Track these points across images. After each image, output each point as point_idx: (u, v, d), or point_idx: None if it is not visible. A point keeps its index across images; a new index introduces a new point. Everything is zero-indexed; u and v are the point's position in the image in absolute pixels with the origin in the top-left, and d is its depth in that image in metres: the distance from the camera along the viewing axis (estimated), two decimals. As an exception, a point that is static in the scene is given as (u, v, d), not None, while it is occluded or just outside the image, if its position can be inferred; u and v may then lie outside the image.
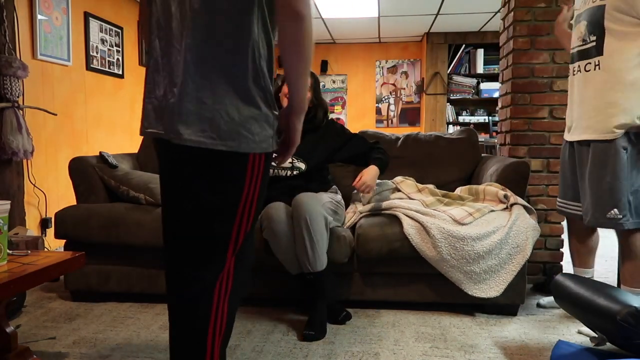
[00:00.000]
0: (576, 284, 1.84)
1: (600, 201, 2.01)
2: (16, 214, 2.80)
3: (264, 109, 1.14)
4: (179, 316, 1.29)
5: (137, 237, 2.32)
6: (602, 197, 2.00)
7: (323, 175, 2.44)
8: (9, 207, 1.60)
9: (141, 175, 2.57)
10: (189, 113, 1.08)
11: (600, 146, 2.01)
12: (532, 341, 2.02)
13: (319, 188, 2.35)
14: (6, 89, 2.67)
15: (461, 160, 2.88)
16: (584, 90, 2.08)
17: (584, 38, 2.08)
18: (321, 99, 2.37)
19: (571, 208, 2.26)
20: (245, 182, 1.15)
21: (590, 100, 2.05)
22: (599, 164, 2.01)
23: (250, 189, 1.17)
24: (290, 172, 2.30)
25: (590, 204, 2.05)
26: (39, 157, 3.32)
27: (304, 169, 2.30)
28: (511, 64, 2.74)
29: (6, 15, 2.72)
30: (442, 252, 2.15)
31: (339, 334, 2.07)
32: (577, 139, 2.13)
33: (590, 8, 2.04)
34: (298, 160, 2.30)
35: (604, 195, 2.00)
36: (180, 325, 1.28)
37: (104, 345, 1.97)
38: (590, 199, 2.04)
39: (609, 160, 1.98)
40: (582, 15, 2.09)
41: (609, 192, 1.98)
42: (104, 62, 4.10)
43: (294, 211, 2.08)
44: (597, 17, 2.00)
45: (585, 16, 2.07)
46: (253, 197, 1.18)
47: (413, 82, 6.53)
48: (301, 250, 2.06)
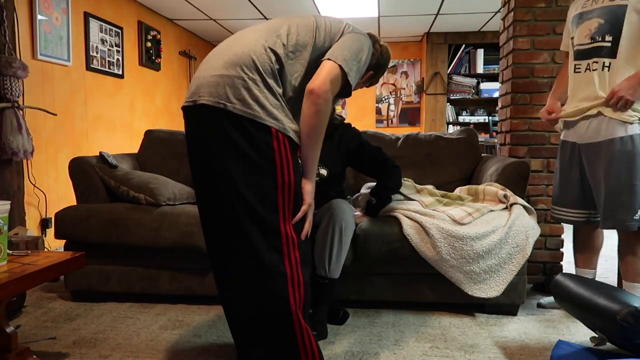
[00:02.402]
0: (576, 284, 1.84)
1: (625, 204, 1.98)
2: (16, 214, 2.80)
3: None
4: (253, 292, 1.44)
5: (137, 237, 2.32)
6: (628, 199, 1.98)
7: (341, 184, 2.44)
8: (9, 207, 1.60)
9: (141, 175, 2.57)
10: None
11: (618, 147, 1.98)
12: (532, 341, 2.02)
13: (337, 197, 2.35)
14: (6, 89, 2.67)
15: (461, 160, 2.88)
16: (596, 88, 2.05)
17: (593, 36, 2.05)
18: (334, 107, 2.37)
19: (573, 216, 2.25)
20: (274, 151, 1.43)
21: (591, 99, 2.05)
22: (619, 167, 1.98)
23: (282, 159, 1.43)
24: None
25: (612, 208, 2.01)
26: (39, 157, 3.32)
27: (326, 175, 2.29)
28: (511, 64, 2.74)
29: (6, 15, 2.72)
30: (441, 252, 2.15)
31: (339, 334, 2.07)
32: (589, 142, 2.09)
33: (607, 6, 2.01)
34: (320, 167, 2.29)
35: (629, 197, 1.97)
36: (257, 301, 1.44)
37: (104, 345, 1.97)
38: (612, 202, 2.01)
39: (630, 161, 1.96)
40: (594, 13, 2.05)
41: (634, 194, 1.97)
42: (104, 62, 4.10)
43: (329, 215, 2.08)
44: (618, 16, 1.97)
45: (599, 14, 2.03)
46: (288, 165, 1.43)
47: (413, 82, 6.53)
48: (325, 254, 2.05)
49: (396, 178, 2.31)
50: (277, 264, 1.39)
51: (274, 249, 1.40)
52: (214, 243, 1.52)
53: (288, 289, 1.39)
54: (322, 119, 1.44)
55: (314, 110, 1.42)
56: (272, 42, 1.45)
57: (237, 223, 1.40)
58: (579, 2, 2.17)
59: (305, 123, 1.44)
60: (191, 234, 2.28)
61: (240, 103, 1.38)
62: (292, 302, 1.39)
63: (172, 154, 2.95)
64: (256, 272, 1.40)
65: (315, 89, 1.41)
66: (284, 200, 1.42)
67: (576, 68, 2.15)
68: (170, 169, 2.89)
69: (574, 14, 2.19)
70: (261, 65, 1.40)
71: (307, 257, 1.49)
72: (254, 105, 1.38)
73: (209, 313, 2.33)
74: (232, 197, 1.39)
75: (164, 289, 2.41)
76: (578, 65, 2.14)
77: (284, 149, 1.41)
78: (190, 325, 2.17)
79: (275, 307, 1.40)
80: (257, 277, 1.40)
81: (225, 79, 1.40)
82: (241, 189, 1.38)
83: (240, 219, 1.39)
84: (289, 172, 1.42)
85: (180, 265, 2.39)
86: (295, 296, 1.40)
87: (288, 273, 1.39)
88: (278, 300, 1.39)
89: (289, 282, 1.39)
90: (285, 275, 1.39)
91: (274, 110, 1.39)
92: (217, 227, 1.48)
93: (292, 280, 1.40)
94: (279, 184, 1.40)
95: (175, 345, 1.97)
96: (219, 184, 1.42)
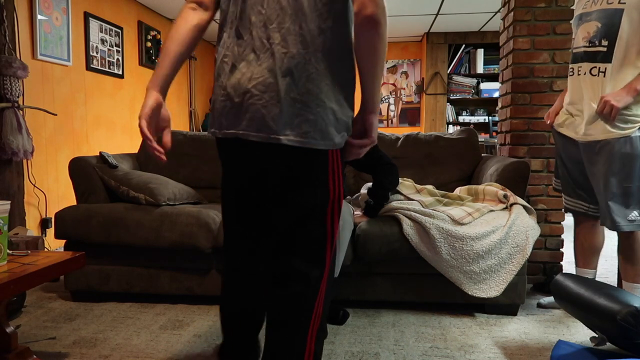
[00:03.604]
0: (576, 284, 1.84)
1: (620, 206, 1.99)
2: (16, 214, 2.80)
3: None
4: (278, 315, 1.30)
5: (137, 237, 2.32)
6: (623, 200, 1.98)
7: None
8: (9, 207, 1.60)
9: (141, 175, 2.57)
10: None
11: (617, 148, 1.97)
12: (532, 341, 2.02)
13: None
14: (6, 89, 2.67)
15: (461, 160, 2.88)
16: (592, 94, 2.04)
17: (591, 40, 2.03)
18: None
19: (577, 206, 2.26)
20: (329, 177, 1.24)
21: (589, 103, 2.04)
22: (616, 168, 1.98)
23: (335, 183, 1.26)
24: None
25: (610, 208, 2.01)
26: (39, 157, 3.32)
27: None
28: (511, 64, 2.74)
29: (6, 15, 2.72)
30: (441, 252, 2.15)
31: (339, 334, 2.07)
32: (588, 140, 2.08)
33: (605, 9, 1.98)
34: None
35: (624, 198, 1.98)
36: (279, 323, 1.29)
37: (104, 345, 1.97)
38: (609, 202, 2.01)
39: (627, 163, 1.96)
40: (592, 15, 2.03)
41: (630, 195, 1.97)
42: (104, 62, 4.10)
43: None
44: (614, 20, 1.94)
45: (597, 17, 2.01)
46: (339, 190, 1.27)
47: (413, 82, 6.53)
48: None
49: (392, 176, 2.30)
50: (314, 288, 1.27)
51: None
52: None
53: (311, 315, 1.27)
54: (386, 46, 1.22)
55: (382, 41, 1.19)
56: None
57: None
58: (581, 2, 2.15)
59: (375, 58, 1.20)
60: (191, 234, 2.28)
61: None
62: (310, 329, 1.27)
63: (172, 153, 2.95)
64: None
65: (380, 19, 1.16)
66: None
67: (571, 71, 2.14)
68: (170, 169, 2.89)
69: (575, 15, 2.18)
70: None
71: (332, 285, 1.37)
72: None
73: (209, 313, 2.33)
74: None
75: (164, 289, 2.41)
76: (571, 69, 2.14)
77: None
78: (190, 325, 2.17)
79: (294, 330, 1.28)
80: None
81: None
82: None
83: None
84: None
85: (180, 265, 2.39)
86: (314, 324, 1.28)
87: (317, 300, 1.27)
88: (299, 324, 1.27)
89: (314, 309, 1.26)
90: (313, 303, 1.27)
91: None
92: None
93: (317, 307, 1.27)
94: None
95: (175, 345, 1.97)
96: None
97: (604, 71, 1.98)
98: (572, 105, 2.16)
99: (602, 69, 1.99)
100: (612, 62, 1.96)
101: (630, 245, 2.06)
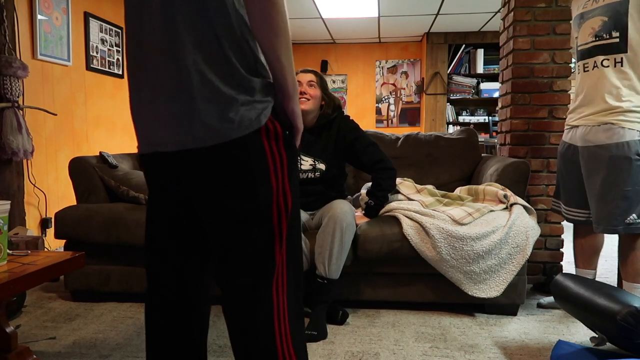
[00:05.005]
0: (576, 284, 1.84)
1: (618, 209, 1.99)
2: (16, 214, 2.80)
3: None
4: (241, 329, 1.12)
5: (137, 237, 2.32)
6: (620, 204, 1.99)
7: (341, 184, 2.45)
8: (9, 207, 1.59)
9: (141, 175, 2.57)
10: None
11: (615, 152, 1.99)
12: (532, 341, 2.02)
13: (338, 197, 2.36)
14: (6, 89, 2.67)
15: (461, 160, 2.88)
16: (600, 87, 2.05)
17: (597, 34, 2.06)
18: (332, 96, 2.38)
19: (577, 215, 2.26)
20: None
21: (603, 97, 2.04)
22: (615, 171, 1.99)
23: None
24: (312, 174, 2.30)
25: (606, 212, 2.02)
26: (39, 157, 3.32)
27: (325, 169, 2.31)
28: (511, 64, 2.74)
29: (6, 15, 2.72)
30: (441, 252, 2.15)
31: (339, 334, 2.07)
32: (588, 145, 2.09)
33: (608, 4, 2.02)
34: (318, 162, 2.30)
35: (622, 201, 1.99)
36: (244, 338, 1.12)
37: (104, 345, 1.97)
38: (606, 206, 2.02)
39: (625, 166, 1.97)
40: (595, 12, 2.07)
41: (628, 199, 1.98)
42: (104, 62, 4.10)
43: (330, 215, 2.10)
44: (620, 12, 1.99)
45: (601, 12, 2.05)
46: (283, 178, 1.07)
47: (413, 82, 6.53)
48: (325, 254, 2.07)
49: (390, 179, 2.33)
50: (263, 297, 1.09)
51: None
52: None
53: (274, 321, 1.10)
54: (285, 13, 0.99)
55: (276, 6, 0.96)
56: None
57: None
58: (579, 3, 2.18)
59: (272, 27, 0.98)
60: (191, 234, 2.28)
61: None
62: (277, 334, 1.11)
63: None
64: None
65: None
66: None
67: (585, 67, 2.15)
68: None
69: (574, 15, 2.20)
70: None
71: (295, 276, 1.16)
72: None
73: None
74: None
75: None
76: (586, 64, 2.14)
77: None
78: (190, 325, 2.17)
79: (260, 340, 1.11)
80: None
81: None
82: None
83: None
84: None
85: (180, 265, 2.39)
86: (281, 327, 1.11)
87: (274, 305, 1.10)
88: (262, 333, 1.10)
89: (274, 313, 1.10)
90: (272, 309, 1.10)
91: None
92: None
93: (279, 310, 1.11)
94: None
95: (175, 345, 1.96)
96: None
97: (620, 61, 2.01)
98: (577, 110, 2.17)
99: (617, 59, 2.02)
100: (627, 52, 2.00)
101: (631, 245, 2.06)
